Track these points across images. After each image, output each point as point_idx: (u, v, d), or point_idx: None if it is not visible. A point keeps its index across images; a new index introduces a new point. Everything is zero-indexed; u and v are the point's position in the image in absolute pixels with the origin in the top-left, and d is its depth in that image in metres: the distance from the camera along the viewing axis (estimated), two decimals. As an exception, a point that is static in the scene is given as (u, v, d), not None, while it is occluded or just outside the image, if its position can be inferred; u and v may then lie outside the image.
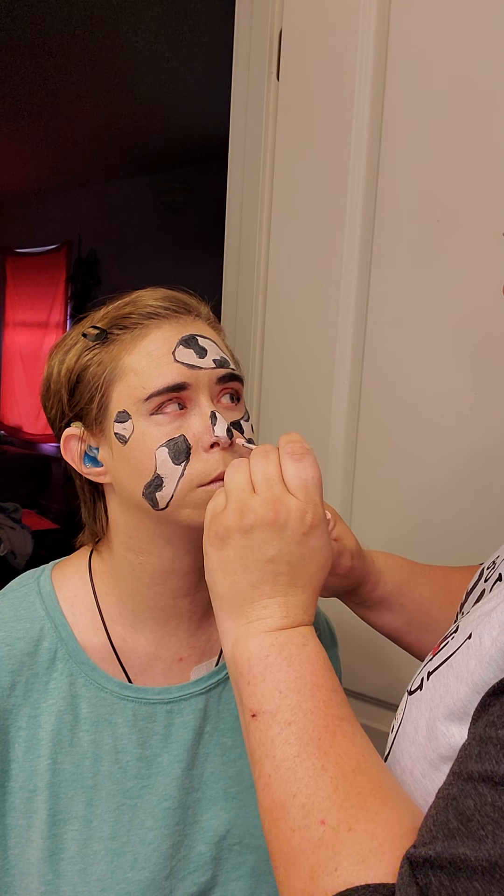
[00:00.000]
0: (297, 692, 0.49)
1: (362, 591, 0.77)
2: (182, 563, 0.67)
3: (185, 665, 0.71)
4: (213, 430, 0.61)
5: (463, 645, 0.49)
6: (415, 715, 0.50)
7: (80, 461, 0.66)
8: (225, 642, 0.54)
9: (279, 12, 1.18)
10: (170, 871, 0.66)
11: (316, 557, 0.54)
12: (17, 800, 0.64)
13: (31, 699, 0.66)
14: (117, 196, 5.21)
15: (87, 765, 0.66)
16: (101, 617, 0.69)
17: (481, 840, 0.36)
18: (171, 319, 0.64)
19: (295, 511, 0.53)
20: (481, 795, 0.38)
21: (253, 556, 0.53)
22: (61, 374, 0.66)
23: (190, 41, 2.81)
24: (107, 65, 3.12)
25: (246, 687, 0.50)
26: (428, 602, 0.78)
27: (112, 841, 0.65)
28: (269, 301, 1.22)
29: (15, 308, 6.22)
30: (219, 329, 0.70)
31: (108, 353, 0.63)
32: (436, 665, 0.51)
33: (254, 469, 0.55)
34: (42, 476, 5.62)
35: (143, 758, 0.67)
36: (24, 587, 0.71)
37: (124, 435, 0.62)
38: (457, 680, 0.47)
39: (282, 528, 0.53)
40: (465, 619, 0.54)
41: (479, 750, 0.40)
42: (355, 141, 1.10)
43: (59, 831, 0.64)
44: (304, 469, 0.55)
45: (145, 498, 0.62)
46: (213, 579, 0.55)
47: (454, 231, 1.02)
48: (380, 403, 1.11)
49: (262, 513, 0.53)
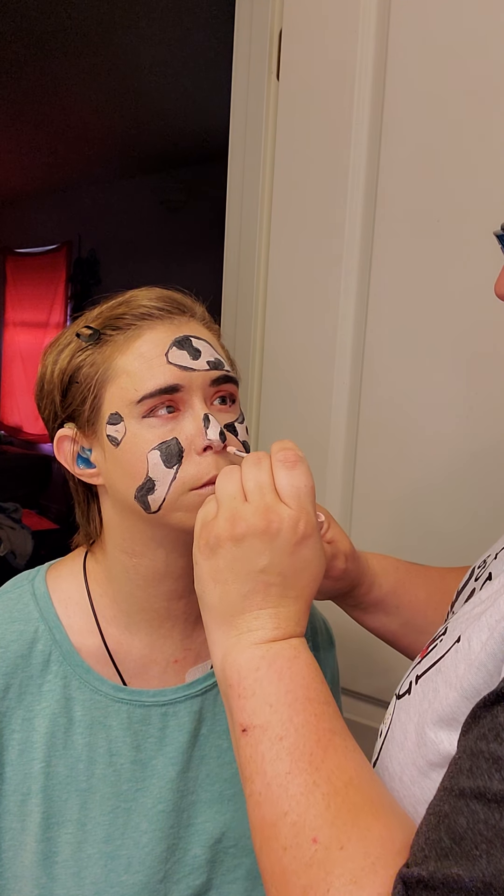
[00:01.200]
0: (289, 706, 0.48)
1: (357, 593, 0.76)
2: (175, 565, 0.66)
3: (181, 667, 0.71)
4: (205, 433, 0.60)
5: (452, 649, 0.48)
6: (403, 720, 0.50)
7: (72, 462, 0.66)
8: (214, 654, 0.53)
9: (279, 12, 1.18)
10: (164, 875, 0.66)
11: (308, 568, 0.53)
12: (10, 803, 0.64)
13: (25, 702, 0.65)
14: (117, 196, 5.21)
15: (81, 768, 0.65)
16: (96, 619, 0.69)
17: (475, 860, 0.35)
18: (165, 320, 0.63)
19: (287, 520, 0.52)
20: (474, 813, 0.37)
21: (244, 566, 0.52)
22: (54, 375, 0.65)
23: (190, 41, 2.80)
24: (107, 65, 3.12)
25: (236, 700, 0.50)
26: (423, 604, 0.77)
27: (106, 844, 0.65)
28: (269, 301, 1.22)
29: (15, 308, 6.22)
30: (214, 329, 0.69)
31: (100, 354, 0.63)
32: (424, 668, 0.51)
33: (245, 477, 0.54)
34: (42, 476, 5.62)
35: (138, 760, 0.67)
36: (18, 588, 0.70)
37: (116, 437, 0.61)
38: (446, 685, 0.46)
39: (274, 538, 0.52)
40: (454, 620, 0.53)
41: (470, 764, 0.39)
42: (355, 141, 1.09)
43: (53, 834, 0.64)
44: (296, 477, 0.54)
45: (137, 501, 0.61)
46: (203, 589, 0.54)
47: (454, 231, 1.02)
48: (380, 404, 1.11)
49: (254, 521, 0.52)
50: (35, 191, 5.70)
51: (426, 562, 0.86)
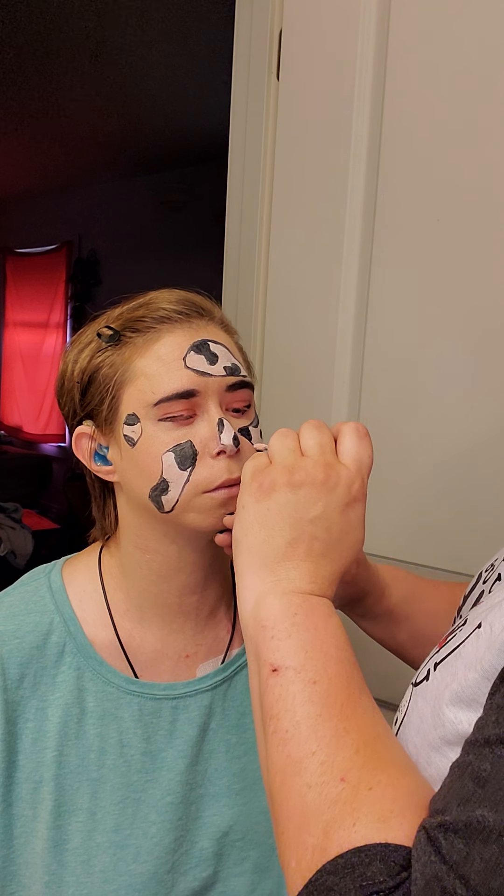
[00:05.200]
0: (323, 655, 0.48)
1: (367, 602, 0.76)
2: (188, 561, 0.67)
3: (192, 662, 0.72)
4: (219, 437, 0.61)
5: (472, 634, 0.48)
6: (420, 704, 0.50)
7: (90, 459, 0.67)
8: (245, 598, 0.53)
9: (279, 12, 1.19)
10: (172, 865, 0.67)
11: (352, 533, 0.54)
12: (23, 790, 0.65)
13: (39, 692, 0.66)
14: (117, 196, 5.22)
15: (92, 757, 0.66)
16: (110, 612, 0.70)
17: (500, 802, 0.35)
18: (184, 323, 0.64)
19: (345, 479, 0.54)
20: (499, 757, 0.36)
21: (296, 511, 0.52)
22: (74, 374, 0.66)
23: (190, 41, 2.81)
24: (107, 65, 3.13)
25: (268, 641, 0.49)
26: (433, 615, 0.77)
27: (115, 833, 0.66)
28: (269, 301, 1.23)
29: (15, 308, 6.22)
30: (232, 332, 0.70)
31: (120, 355, 0.64)
32: (443, 656, 0.50)
33: (304, 437, 0.56)
34: (42, 476, 5.63)
35: (148, 752, 0.68)
36: (34, 581, 0.72)
37: (133, 438, 0.63)
38: (465, 667, 0.46)
39: (330, 491, 0.53)
40: (474, 611, 0.53)
41: (496, 717, 0.39)
42: (355, 140, 1.10)
43: (64, 822, 0.65)
44: (363, 446, 0.56)
45: (151, 500, 0.63)
46: (246, 532, 0.54)
47: (454, 231, 1.02)
48: (380, 403, 1.12)
49: (314, 472, 0.53)
50: (35, 191, 5.70)
51: (426, 559, 0.86)
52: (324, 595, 0.52)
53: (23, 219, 6.11)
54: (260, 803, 0.71)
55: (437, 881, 0.34)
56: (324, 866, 0.39)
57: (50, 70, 3.24)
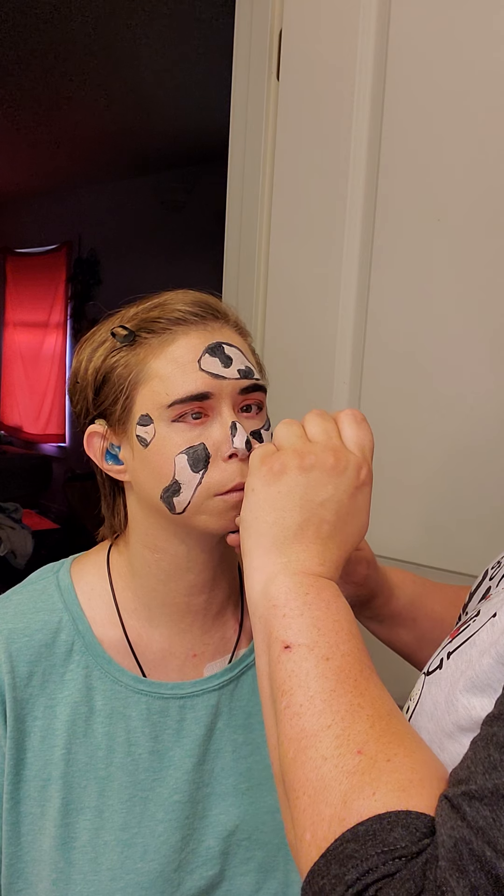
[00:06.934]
0: (335, 633, 0.49)
1: (375, 604, 0.76)
2: (197, 560, 0.68)
3: (199, 661, 0.72)
4: (232, 441, 0.61)
5: (487, 623, 0.48)
6: (434, 692, 0.50)
7: (101, 458, 0.67)
8: (254, 579, 0.53)
9: (279, 12, 1.19)
10: (178, 864, 0.67)
11: (358, 517, 0.55)
12: (31, 788, 0.65)
13: (48, 690, 0.67)
14: (117, 196, 5.22)
15: (100, 756, 0.67)
16: (118, 611, 0.70)
17: None
18: (199, 325, 0.64)
19: (353, 463, 0.55)
20: None
21: (306, 493, 0.53)
22: (88, 372, 0.66)
23: (190, 41, 2.81)
24: (107, 65, 3.13)
25: (280, 619, 0.50)
26: (440, 618, 0.78)
27: (123, 832, 0.66)
28: (270, 301, 1.23)
29: (15, 308, 6.22)
30: (246, 334, 0.70)
31: (134, 355, 0.64)
32: (456, 645, 0.51)
33: (309, 425, 0.57)
34: (42, 476, 5.63)
35: (156, 751, 0.68)
36: (43, 580, 0.72)
37: (146, 438, 0.63)
38: (479, 654, 0.46)
39: (340, 474, 0.54)
40: (484, 603, 0.54)
41: None
42: (355, 141, 1.10)
43: (72, 820, 0.65)
44: (363, 431, 0.57)
45: (163, 501, 0.63)
46: (256, 515, 0.55)
47: (454, 231, 1.03)
48: (379, 402, 1.12)
49: (324, 457, 0.54)
50: (35, 191, 5.70)
51: (427, 559, 0.86)
52: (331, 577, 0.53)
53: (23, 219, 6.11)
54: (266, 803, 0.71)
55: (465, 843, 0.35)
56: (343, 834, 0.39)
57: (50, 70, 3.24)
